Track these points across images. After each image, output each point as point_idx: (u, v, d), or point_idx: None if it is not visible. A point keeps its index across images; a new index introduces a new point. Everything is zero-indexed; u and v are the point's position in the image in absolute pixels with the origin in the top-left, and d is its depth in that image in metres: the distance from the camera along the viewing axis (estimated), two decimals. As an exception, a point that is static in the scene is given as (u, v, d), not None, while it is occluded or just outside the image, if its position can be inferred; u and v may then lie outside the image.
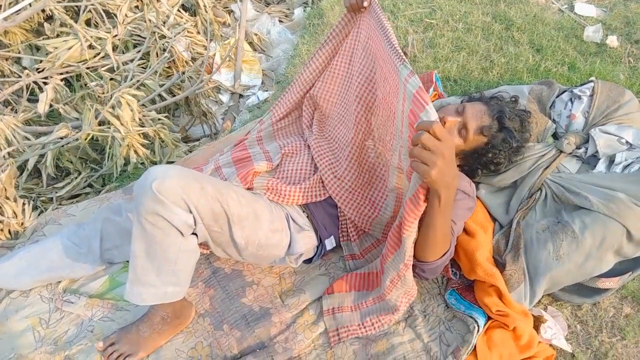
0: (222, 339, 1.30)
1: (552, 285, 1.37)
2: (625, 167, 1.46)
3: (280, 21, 2.74)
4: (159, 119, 1.86)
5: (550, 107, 1.68)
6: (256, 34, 2.58)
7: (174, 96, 2.08)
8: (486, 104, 1.42)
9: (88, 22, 2.18)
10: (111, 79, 1.99)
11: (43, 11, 2.07)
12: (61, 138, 1.72)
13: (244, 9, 2.49)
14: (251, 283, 1.42)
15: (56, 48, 2.00)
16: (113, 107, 1.68)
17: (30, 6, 1.98)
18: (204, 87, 2.13)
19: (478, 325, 1.30)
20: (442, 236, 1.10)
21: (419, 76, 1.98)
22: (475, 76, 2.11)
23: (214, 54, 2.32)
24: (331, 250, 1.45)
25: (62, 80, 2.00)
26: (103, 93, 1.89)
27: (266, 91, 2.36)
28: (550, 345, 1.33)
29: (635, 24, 2.30)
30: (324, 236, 1.40)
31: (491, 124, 1.38)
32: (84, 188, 1.88)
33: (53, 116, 2.07)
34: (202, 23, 2.39)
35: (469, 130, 1.37)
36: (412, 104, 0.98)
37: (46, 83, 1.93)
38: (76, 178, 1.87)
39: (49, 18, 2.13)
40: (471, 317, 1.32)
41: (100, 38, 2.04)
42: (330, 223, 1.42)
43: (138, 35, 2.19)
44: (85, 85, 2.02)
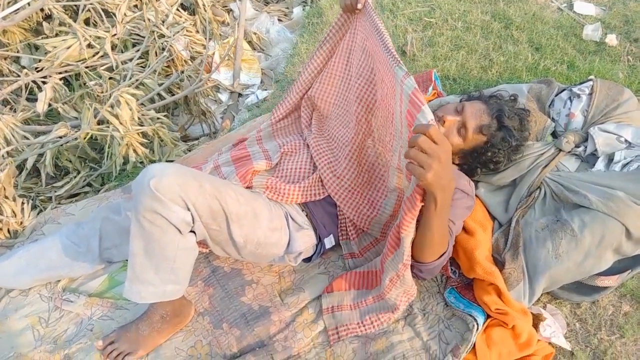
0: (222, 338, 1.31)
1: (551, 283, 1.38)
2: (624, 166, 1.46)
3: (279, 20, 2.73)
4: (158, 118, 1.86)
5: (549, 106, 1.68)
6: (255, 33, 2.58)
7: (173, 95, 2.08)
8: (485, 103, 1.43)
9: (87, 21, 2.17)
10: (110, 78, 1.98)
11: (42, 10, 2.07)
12: (60, 137, 1.72)
13: (243, 8, 2.49)
14: (250, 282, 1.42)
15: (55, 47, 2.00)
16: (112, 106, 1.68)
17: (29, 5, 1.98)
18: (203, 86, 2.13)
19: (477, 323, 1.30)
20: (439, 237, 1.10)
21: (418, 75, 1.98)
22: (474, 75, 2.11)
23: (213, 53, 2.32)
24: (330, 249, 1.45)
25: (61, 79, 2.00)
26: (102, 92, 1.89)
27: (265, 90, 2.36)
28: (549, 343, 1.34)
29: (634, 23, 2.30)
30: (323, 235, 1.40)
31: (490, 123, 1.38)
32: (83, 187, 1.88)
33: (52, 115, 2.06)
34: (201, 22, 2.39)
35: (468, 129, 1.37)
36: (409, 105, 0.99)
37: (45, 82, 1.93)
38: (75, 177, 1.86)
39: (48, 17, 2.13)
40: (470, 316, 1.32)
41: (99, 37, 2.04)
42: (329, 222, 1.42)
43: (137, 34, 2.18)
44: (84, 84, 2.02)
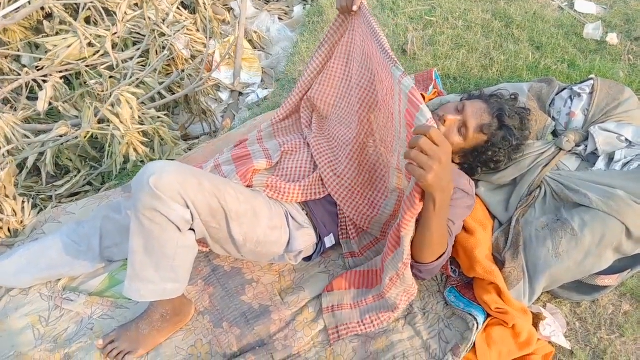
0: (222, 337, 1.31)
1: (552, 282, 1.38)
2: (624, 165, 1.46)
3: (279, 19, 2.73)
4: (159, 117, 1.86)
5: (550, 105, 1.68)
6: (256, 32, 2.57)
7: (174, 94, 2.08)
8: (486, 102, 1.42)
9: (87, 20, 2.17)
10: (111, 77, 1.98)
11: (42, 9, 2.07)
12: (61, 136, 1.72)
13: (244, 7, 2.48)
14: (251, 281, 1.42)
15: (55, 46, 1.99)
16: (112, 105, 1.68)
17: (29, 4, 1.98)
18: (204, 85, 2.13)
19: (477, 322, 1.30)
20: (439, 238, 1.10)
21: (419, 74, 1.98)
22: (475, 74, 2.11)
23: (214, 52, 2.32)
24: (331, 248, 1.45)
25: (62, 78, 2.00)
26: (102, 91, 1.89)
27: (266, 89, 2.36)
28: (549, 342, 1.34)
29: (635, 22, 2.29)
30: (324, 234, 1.40)
31: (491, 122, 1.38)
32: (84, 186, 1.88)
33: (52, 114, 2.06)
34: (202, 21, 2.39)
35: (469, 128, 1.37)
36: (408, 104, 0.99)
37: (45, 81, 1.93)
38: (76, 176, 1.87)
39: (49, 16, 2.12)
40: (470, 315, 1.32)
41: (99, 36, 2.04)
42: (329, 221, 1.42)
43: (137, 33, 2.18)
44: (84, 83, 2.02)
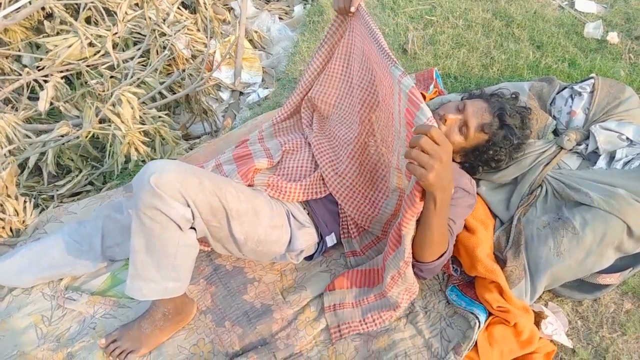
0: (224, 336, 1.31)
1: (553, 281, 1.38)
2: (625, 164, 1.46)
3: (280, 18, 2.73)
4: (160, 117, 1.86)
5: (550, 104, 1.68)
6: (256, 32, 2.57)
7: (175, 94, 2.08)
8: (487, 101, 1.42)
9: (88, 20, 2.17)
10: (111, 77, 1.99)
11: (43, 9, 2.07)
12: (62, 136, 1.72)
13: (244, 7, 2.48)
14: (252, 280, 1.42)
15: (56, 46, 2.00)
16: (113, 105, 1.68)
17: (30, 4, 1.98)
18: (204, 85, 2.13)
19: (479, 321, 1.30)
20: (439, 237, 1.10)
21: (420, 73, 1.98)
22: (475, 73, 2.11)
23: (214, 52, 2.32)
24: (332, 247, 1.45)
25: (63, 78, 2.00)
26: (103, 91, 1.89)
27: (266, 89, 2.36)
28: (551, 341, 1.34)
29: (635, 20, 2.29)
30: (325, 233, 1.40)
31: (492, 121, 1.38)
32: (85, 186, 1.88)
33: (54, 114, 2.07)
34: (202, 20, 2.39)
35: (470, 127, 1.37)
36: (408, 103, 0.99)
37: (46, 81, 1.93)
38: (77, 176, 1.87)
39: (49, 16, 2.13)
40: (472, 313, 1.32)
41: (100, 36, 2.04)
42: (331, 220, 1.42)
43: (138, 33, 2.18)
44: (85, 83, 2.02)
